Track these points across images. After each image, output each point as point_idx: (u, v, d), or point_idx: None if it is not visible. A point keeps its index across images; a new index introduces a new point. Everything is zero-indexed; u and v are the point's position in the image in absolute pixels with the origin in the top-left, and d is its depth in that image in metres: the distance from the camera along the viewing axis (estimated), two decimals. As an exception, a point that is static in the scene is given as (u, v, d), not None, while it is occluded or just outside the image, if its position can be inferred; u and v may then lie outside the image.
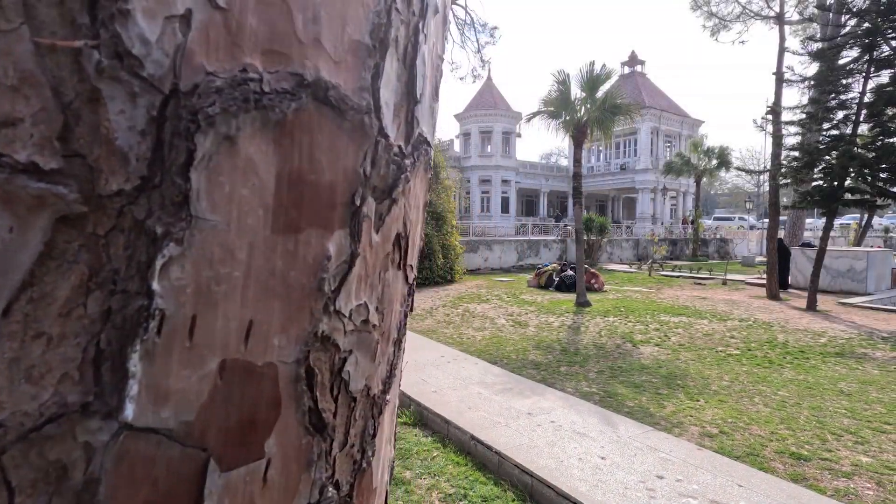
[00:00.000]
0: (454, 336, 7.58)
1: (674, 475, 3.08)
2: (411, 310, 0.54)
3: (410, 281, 0.51)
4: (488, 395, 4.46)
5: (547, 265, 15.80)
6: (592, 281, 13.55)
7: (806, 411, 4.60)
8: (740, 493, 2.90)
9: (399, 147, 0.43)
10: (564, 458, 3.26)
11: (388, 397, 0.48)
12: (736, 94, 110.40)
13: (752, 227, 35.92)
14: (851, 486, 3.31)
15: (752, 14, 13.96)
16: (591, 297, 11.49)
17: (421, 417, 4.12)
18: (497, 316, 9.39)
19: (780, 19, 12.28)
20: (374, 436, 0.46)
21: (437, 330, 7.98)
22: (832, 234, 34.13)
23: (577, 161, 11.43)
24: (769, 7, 13.17)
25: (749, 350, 7.00)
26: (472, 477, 3.27)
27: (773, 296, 12.18)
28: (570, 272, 13.39)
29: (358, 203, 0.39)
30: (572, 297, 11.26)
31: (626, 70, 41.12)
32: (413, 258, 0.50)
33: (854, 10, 10.11)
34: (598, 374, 5.69)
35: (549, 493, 2.91)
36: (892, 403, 4.89)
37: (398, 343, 0.49)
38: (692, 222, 31.99)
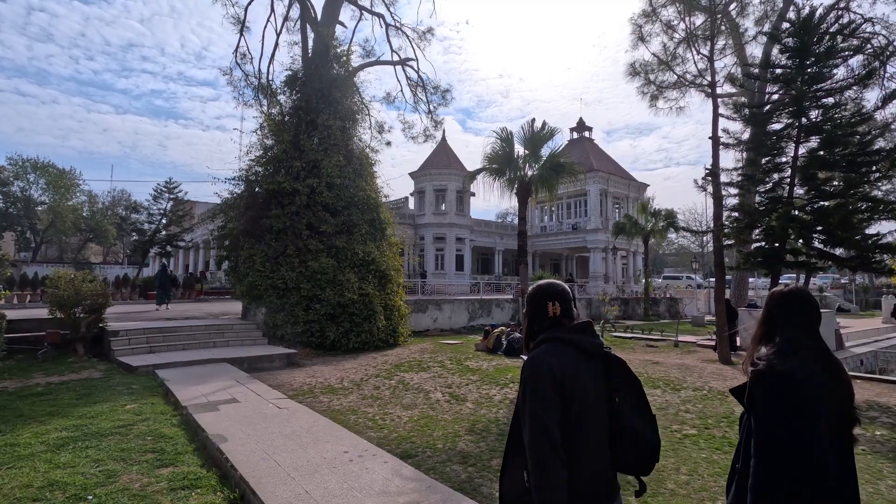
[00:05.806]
0: (376, 418, 6.46)
1: None
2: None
3: None
4: (387, 514, 3.40)
5: (496, 326, 14.97)
6: (542, 344, 12.76)
7: (778, 519, 3.78)
8: None
9: None
10: None
11: None
12: (684, 158, 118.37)
13: (699, 286, 36.74)
14: None
15: (687, 82, 14.55)
16: (539, 363, 10.64)
17: (287, 556, 3.01)
18: (434, 389, 8.34)
19: (712, 87, 12.73)
20: None
21: (357, 410, 6.84)
22: (774, 293, 35.51)
23: (521, 219, 10.99)
24: (702, 77, 13.72)
25: (706, 428, 6.25)
26: None
27: (725, 360, 11.73)
28: (518, 335, 12.59)
29: None
30: (521, 362, 10.37)
31: (575, 136, 43.05)
32: None
33: (781, 78, 10.45)
34: (536, 469, 4.72)
35: None
36: (871, 502, 4.16)
37: None
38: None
